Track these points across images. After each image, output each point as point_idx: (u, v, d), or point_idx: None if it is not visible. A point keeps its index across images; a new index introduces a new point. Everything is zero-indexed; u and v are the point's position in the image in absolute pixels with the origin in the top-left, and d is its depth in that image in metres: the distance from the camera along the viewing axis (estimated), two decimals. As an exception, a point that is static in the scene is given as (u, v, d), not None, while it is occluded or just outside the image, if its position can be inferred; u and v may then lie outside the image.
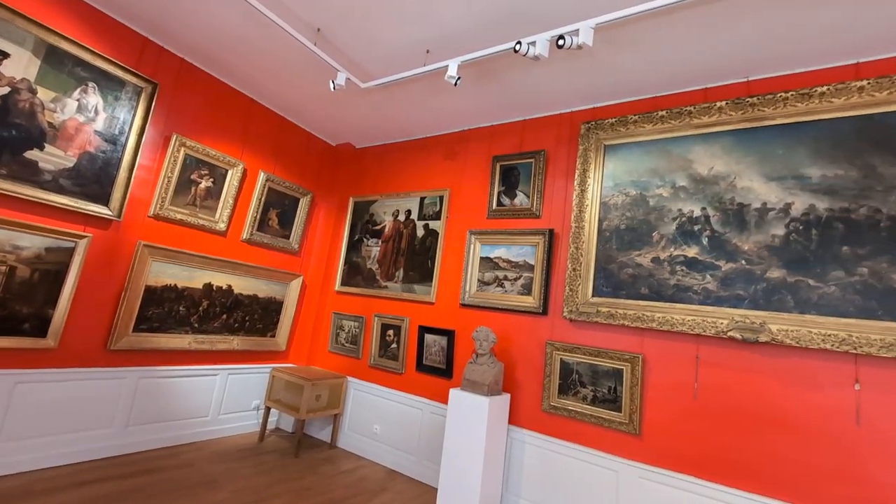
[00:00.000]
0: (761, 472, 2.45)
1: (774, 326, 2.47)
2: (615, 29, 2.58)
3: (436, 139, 4.39)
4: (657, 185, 3.06)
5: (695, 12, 2.40)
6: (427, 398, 3.79)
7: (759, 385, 2.53)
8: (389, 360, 4.09)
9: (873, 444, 2.22)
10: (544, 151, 3.61)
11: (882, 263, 2.30)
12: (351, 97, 3.90)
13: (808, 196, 2.54)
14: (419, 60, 3.14)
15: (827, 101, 2.56)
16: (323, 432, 4.36)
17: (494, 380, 3.12)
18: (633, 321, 2.91)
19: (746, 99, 2.79)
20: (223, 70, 3.79)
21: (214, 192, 3.89)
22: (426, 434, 3.71)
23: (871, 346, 2.22)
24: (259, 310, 4.28)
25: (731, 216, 2.76)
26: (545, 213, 3.53)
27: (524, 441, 3.22)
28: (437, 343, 3.81)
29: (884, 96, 2.42)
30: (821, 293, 2.41)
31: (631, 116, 3.20)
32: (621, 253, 3.09)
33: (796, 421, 2.41)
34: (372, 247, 4.52)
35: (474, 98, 3.63)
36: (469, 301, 3.71)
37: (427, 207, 4.20)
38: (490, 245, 3.72)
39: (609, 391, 2.97)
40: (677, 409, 2.75)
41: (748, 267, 2.64)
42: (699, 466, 2.62)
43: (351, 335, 4.44)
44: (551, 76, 3.18)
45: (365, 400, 4.18)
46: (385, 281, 4.30)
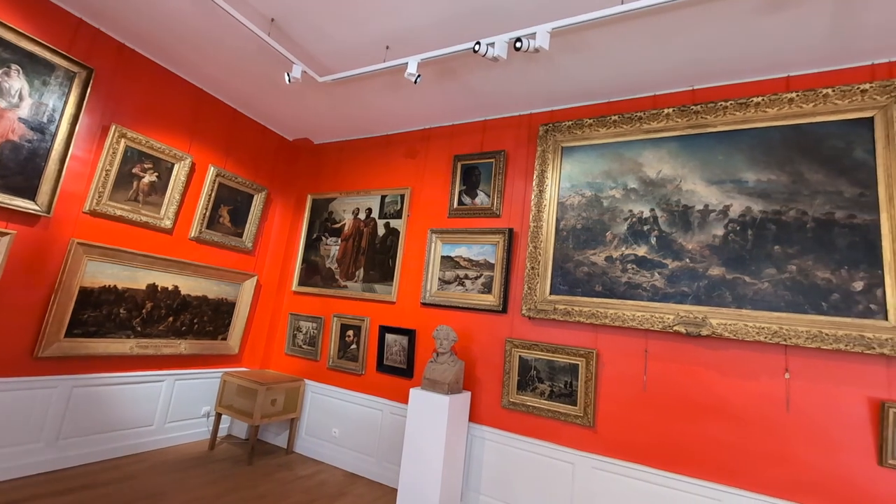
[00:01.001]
0: (704, 458, 2.61)
1: (715, 321, 2.64)
2: (571, 34, 2.65)
3: (397, 137, 4.35)
4: (610, 187, 3.18)
5: (643, 23, 2.51)
6: (388, 399, 3.75)
7: (702, 376, 2.69)
8: (349, 362, 4.01)
9: (800, 427, 2.42)
10: (504, 152, 3.66)
11: (808, 261, 2.51)
12: (308, 91, 3.78)
13: (745, 199, 2.73)
14: (379, 56, 3.09)
15: (762, 110, 2.76)
16: (279, 438, 4.21)
17: (455, 378, 3.13)
18: (587, 318, 3.01)
19: (691, 106, 2.96)
20: (169, 58, 3.57)
21: (159, 187, 3.65)
22: (387, 435, 3.67)
23: (798, 337, 2.42)
24: (209, 311, 4.07)
25: (676, 217, 2.91)
26: (505, 213, 3.59)
27: (484, 438, 3.26)
28: (398, 343, 3.77)
29: (810, 108, 2.64)
30: (755, 289, 2.60)
31: (586, 120, 3.31)
32: (577, 252, 3.19)
33: (734, 409, 2.58)
34: (331, 245, 4.41)
35: (436, 97, 3.62)
36: (430, 300, 3.70)
37: (388, 206, 4.16)
38: (451, 244, 3.73)
39: (565, 386, 3.06)
40: (628, 401, 2.87)
41: (692, 265, 2.80)
42: (648, 455, 2.76)
43: (309, 336, 4.31)
44: (511, 78, 3.22)
45: (323, 403, 4.08)
46: (345, 280, 4.22)
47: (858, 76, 2.62)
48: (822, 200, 2.54)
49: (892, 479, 2.21)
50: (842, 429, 2.34)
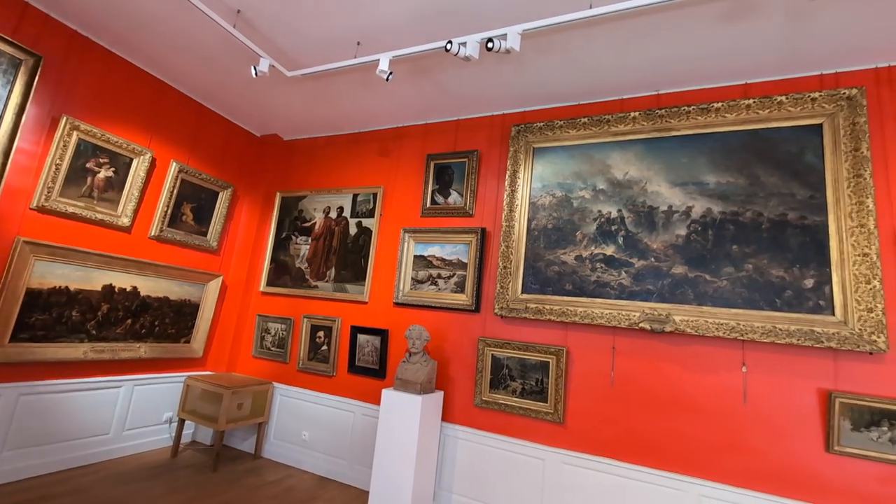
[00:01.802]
0: (667, 450, 2.70)
1: (678, 317, 2.73)
2: (541, 37, 2.69)
3: (370, 135, 4.29)
4: (580, 188, 3.24)
5: (610, 27, 2.57)
6: (360, 400, 3.70)
7: (666, 371, 2.79)
8: (320, 363, 3.93)
9: (756, 418, 2.54)
10: (477, 151, 3.67)
11: (763, 260, 2.63)
12: (277, 86, 3.68)
13: (706, 200, 2.84)
14: (349, 52, 3.04)
15: (722, 115, 2.88)
16: (246, 443, 4.08)
17: (427, 378, 3.12)
18: (558, 316, 3.06)
19: (656, 110, 3.05)
20: (127, 47, 3.39)
21: (116, 182, 3.47)
22: (358, 437, 3.62)
23: (754, 332, 2.54)
24: (171, 313, 3.90)
25: (642, 218, 3.00)
26: (478, 212, 3.60)
27: (457, 437, 3.26)
28: (371, 343, 3.73)
29: (766, 114, 2.77)
30: (715, 287, 2.71)
31: (557, 122, 3.36)
32: (548, 251, 3.24)
33: (696, 402, 2.68)
34: (301, 245, 4.31)
35: (408, 95, 3.60)
36: (403, 300, 3.68)
37: (360, 205, 4.10)
38: (424, 243, 3.72)
39: (536, 383, 3.10)
40: (596, 396, 2.94)
41: (656, 264, 2.89)
42: (615, 449, 2.83)
43: (278, 338, 4.20)
44: (484, 78, 3.24)
45: (293, 406, 3.99)
46: (315, 280, 4.13)
47: (809, 85, 2.77)
48: (776, 202, 2.67)
49: (837, 464, 2.36)
50: (793, 418, 2.47)
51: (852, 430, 2.33)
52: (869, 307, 2.34)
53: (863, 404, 2.32)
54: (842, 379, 2.41)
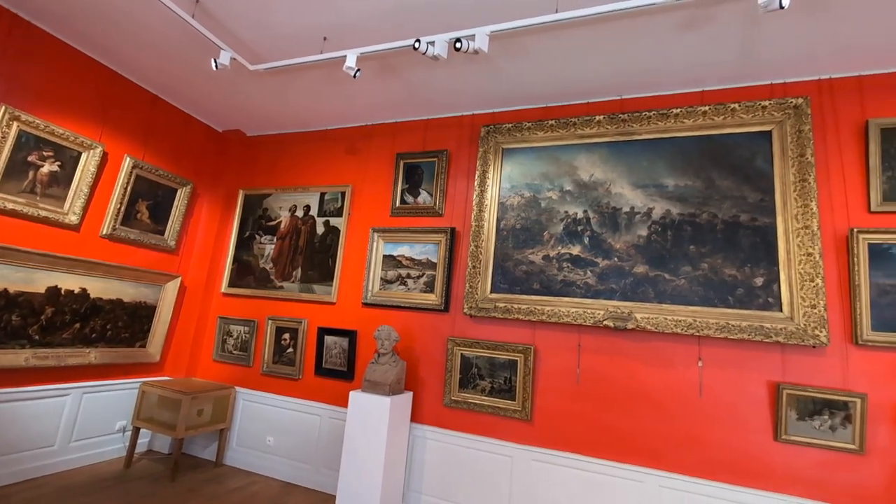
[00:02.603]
0: (629, 443, 2.79)
1: (639, 315, 2.83)
2: (510, 39, 2.71)
3: (338, 132, 4.21)
4: (548, 189, 3.30)
5: (575, 32, 2.62)
6: (327, 403, 3.62)
7: (628, 367, 2.88)
8: (285, 366, 3.83)
9: (711, 411, 2.67)
10: (447, 151, 3.67)
11: (718, 260, 2.76)
12: (240, 79, 3.55)
13: (665, 202, 2.95)
14: (316, 47, 2.97)
15: (680, 121, 2.99)
16: (207, 450, 3.92)
17: (396, 379, 3.09)
18: (526, 315, 3.11)
19: (620, 115, 3.14)
20: (75, 34, 3.18)
21: (63, 178, 3.25)
22: (325, 441, 3.55)
23: (709, 328, 2.66)
24: (124, 316, 3.70)
25: (606, 218, 3.09)
26: (447, 212, 3.60)
27: (426, 437, 3.25)
28: (339, 345, 3.66)
29: (721, 120, 2.91)
30: (674, 285, 2.82)
31: (525, 123, 3.40)
32: (517, 251, 3.28)
33: (655, 396, 2.78)
34: (265, 244, 4.18)
35: (377, 93, 3.55)
36: (372, 300, 3.63)
37: (328, 203, 4.01)
38: (393, 243, 3.68)
39: (505, 382, 3.13)
40: (563, 393, 3.00)
41: (620, 263, 2.98)
42: (580, 444, 2.90)
43: (240, 341, 4.06)
44: (453, 78, 3.24)
45: (257, 411, 3.86)
46: (280, 281, 4.01)
47: (760, 94, 2.92)
48: (729, 205, 2.81)
49: (784, 452, 2.50)
50: (745, 410, 2.61)
51: (798, 420, 2.48)
52: (812, 304, 2.49)
53: (807, 395, 2.47)
54: (789, 371, 2.56)
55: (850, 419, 2.40)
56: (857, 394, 2.39)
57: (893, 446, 2.34)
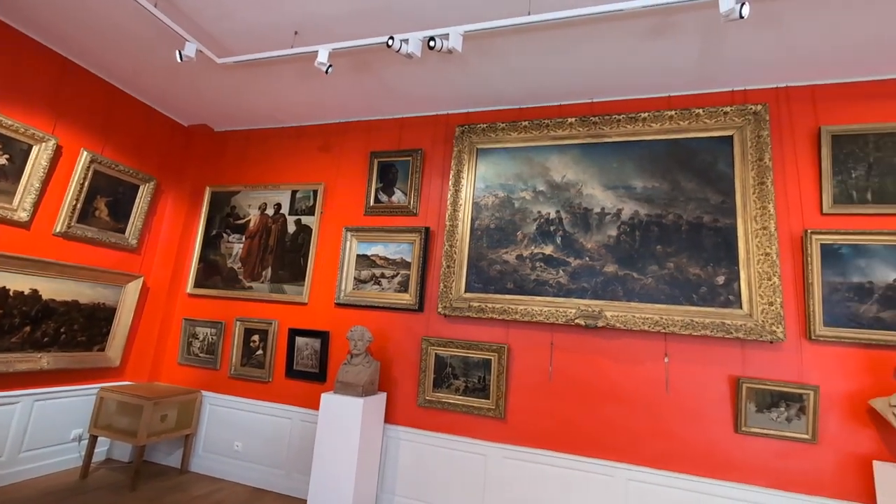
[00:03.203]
0: (599, 439, 2.86)
1: (609, 313, 2.89)
2: (484, 39, 2.73)
3: (310, 129, 4.13)
4: (521, 189, 3.33)
5: (547, 35, 2.66)
6: (298, 406, 3.54)
7: (598, 364, 2.94)
8: (254, 369, 3.72)
9: (676, 405, 2.76)
10: (422, 150, 3.66)
11: (683, 259, 2.86)
12: (207, 73, 3.43)
13: (634, 203, 3.03)
14: (286, 41, 2.90)
15: (648, 125, 3.08)
16: (171, 457, 3.77)
17: (370, 380, 3.06)
18: (500, 314, 3.13)
19: (591, 117, 3.21)
20: (26, 20, 2.99)
21: (11, 171, 3.06)
22: (296, 445, 3.47)
23: (675, 326, 2.75)
24: (81, 319, 3.51)
25: (578, 219, 3.15)
26: (422, 212, 3.59)
27: (400, 438, 3.23)
28: (310, 346, 3.59)
29: (686, 125, 3.01)
30: (641, 284, 2.90)
31: (499, 124, 3.43)
32: (491, 250, 3.30)
33: (624, 392, 2.86)
34: (234, 243, 4.05)
35: (351, 89, 3.50)
36: (345, 300, 3.58)
37: (299, 202, 3.93)
38: (367, 242, 3.64)
39: (479, 381, 3.14)
40: (536, 391, 3.04)
41: (591, 263, 3.04)
42: (552, 440, 2.94)
43: (207, 343, 3.92)
44: (428, 77, 3.23)
45: (224, 415, 3.74)
46: (250, 281, 3.90)
47: (722, 100, 3.04)
48: (693, 206, 2.91)
49: (744, 443, 2.61)
50: (708, 403, 2.71)
51: (756, 412, 2.60)
52: (770, 301, 2.61)
53: (765, 388, 2.59)
54: (748, 366, 2.68)
55: (804, 410, 2.53)
56: (810, 386, 2.52)
57: (842, 434, 2.48)
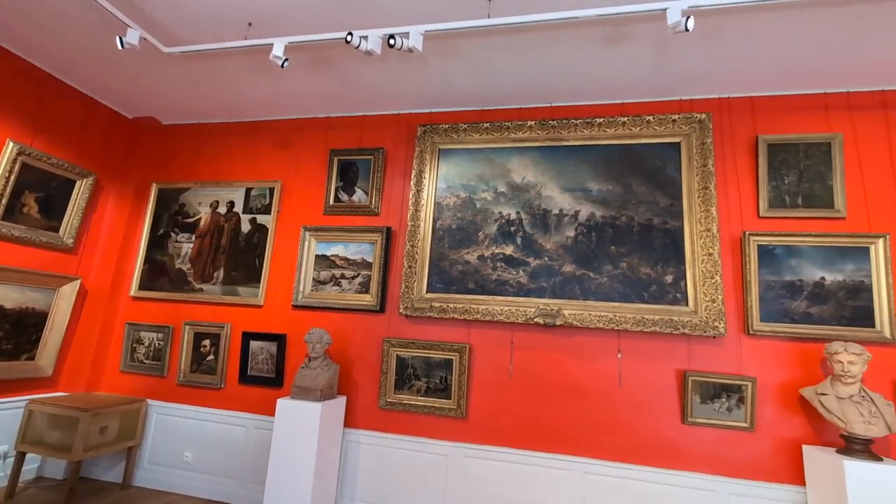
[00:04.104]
0: (557, 434, 2.93)
1: (567, 311, 2.98)
2: (446, 40, 2.73)
3: (266, 124, 3.98)
4: (483, 190, 3.36)
5: (507, 39, 2.70)
6: (253, 413, 3.40)
7: (557, 361, 3.02)
8: (205, 375, 3.54)
9: (629, 399, 2.87)
10: (383, 149, 3.61)
11: (634, 259, 2.99)
12: (153, 63, 3.23)
13: (590, 205, 3.14)
14: (240, 33, 2.78)
15: (603, 130, 3.20)
16: (112, 472, 3.52)
17: (328, 383, 2.98)
18: (461, 314, 3.14)
19: (550, 121, 3.29)
20: (-63, -7, 2.70)
21: (-79, 163, 2.75)
22: (251, 453, 3.33)
23: (627, 323, 2.86)
24: (7, 325, 3.21)
25: (538, 220, 3.22)
26: (383, 211, 3.55)
27: (360, 442, 3.18)
28: (266, 350, 3.46)
29: (637, 131, 3.15)
30: (597, 283, 3.00)
31: (461, 125, 3.45)
32: (452, 251, 3.31)
33: (581, 387, 2.95)
34: (183, 243, 3.84)
35: (309, 85, 3.40)
36: (303, 302, 3.47)
37: (254, 200, 3.78)
38: (327, 242, 3.55)
39: (440, 381, 3.14)
40: (496, 389, 3.08)
41: (549, 263, 3.12)
42: (513, 437, 2.99)
43: (153, 349, 3.69)
44: (389, 75, 3.19)
45: (172, 425, 3.53)
46: (200, 283, 3.71)
47: (671, 108, 3.21)
48: (644, 209, 3.05)
49: (690, 433, 2.76)
50: (658, 396, 2.84)
51: (701, 403, 2.75)
52: (713, 298, 2.78)
53: (708, 381, 2.75)
54: (693, 360, 2.83)
55: (742, 400, 2.70)
56: (748, 378, 2.70)
57: (776, 422, 2.68)
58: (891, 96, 2.90)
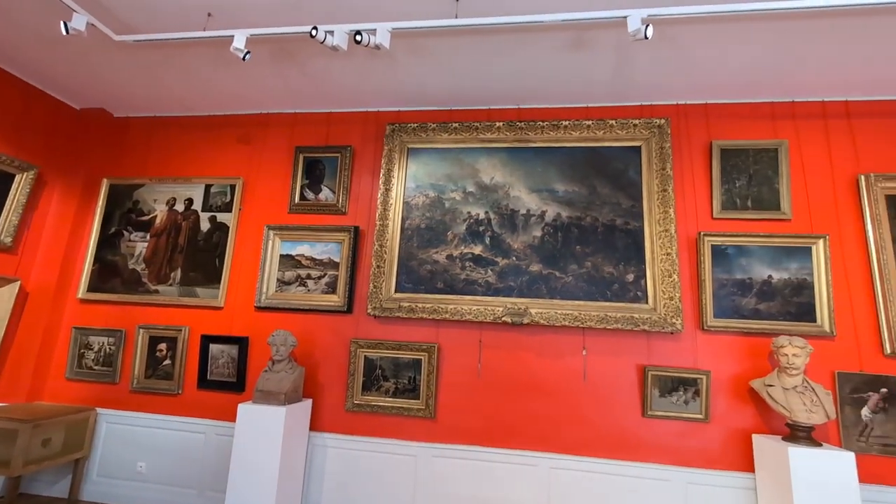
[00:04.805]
0: (524, 431, 2.98)
1: (534, 310, 3.03)
2: (415, 39, 2.72)
3: (228, 119, 3.83)
4: (451, 189, 3.37)
5: (477, 40, 2.71)
6: (213, 419, 3.27)
7: (525, 359, 3.06)
8: (161, 381, 3.37)
9: (593, 394, 2.96)
10: (351, 147, 3.56)
11: (598, 259, 3.07)
12: (104, 51, 3.04)
13: (557, 206, 3.20)
14: (198, 23, 2.66)
15: (568, 132, 3.27)
16: (57, 486, 3.29)
17: (293, 386, 2.90)
18: (430, 314, 3.13)
19: (517, 123, 3.34)
20: None
21: None
22: (212, 461, 3.20)
23: (591, 320, 2.94)
24: (-67, 332, 2.94)
25: (506, 220, 3.25)
26: (351, 210, 3.49)
27: (327, 446, 3.11)
28: (227, 353, 3.33)
29: (601, 134, 3.24)
30: (563, 282, 3.07)
31: (430, 124, 3.44)
32: (421, 250, 3.29)
33: (547, 384, 3.01)
34: (137, 242, 3.64)
35: (273, 79, 3.30)
36: (266, 303, 3.36)
37: (214, 197, 3.63)
38: (292, 241, 3.46)
39: (409, 381, 3.12)
40: (465, 388, 3.09)
41: (517, 262, 3.16)
42: (481, 436, 3.01)
43: (103, 355, 3.47)
44: (357, 72, 3.15)
45: (125, 434, 3.34)
46: (156, 284, 3.52)
47: (633, 113, 3.32)
48: (608, 210, 3.14)
49: (650, 426, 2.87)
50: (620, 391, 2.94)
51: (660, 397, 2.86)
52: (670, 296, 2.90)
53: (666, 375, 2.87)
54: (653, 355, 2.94)
55: (698, 393, 2.83)
56: (703, 371, 2.84)
57: (728, 413, 2.82)
58: (830, 106, 3.12)
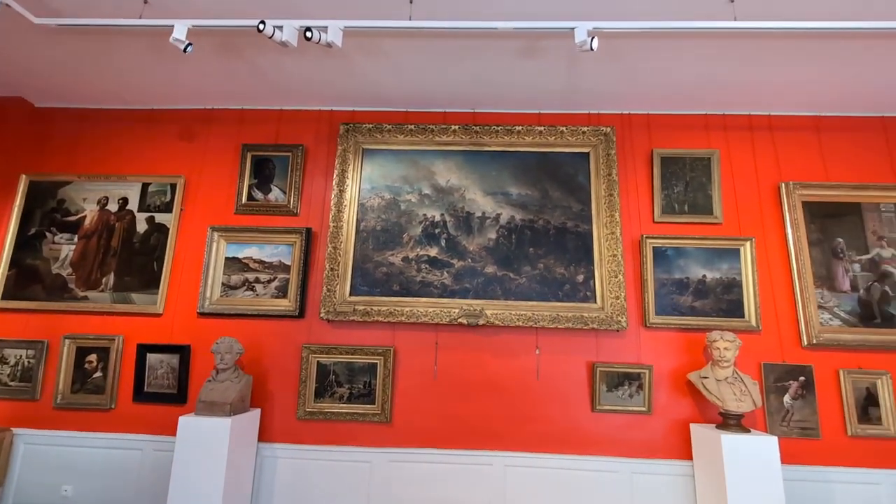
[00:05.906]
0: (480, 430, 3.01)
1: (489, 311, 3.07)
2: (368, 38, 2.68)
3: (167, 114, 3.59)
4: (407, 191, 3.35)
5: (432, 43, 2.72)
6: (151, 434, 3.04)
7: (480, 360, 3.10)
8: (91, 395, 3.09)
9: (545, 391, 3.04)
10: (303, 146, 3.45)
11: (550, 260, 3.17)
12: (22, 35, 2.76)
13: (511, 209, 3.28)
14: (134, 10, 2.48)
15: (521, 137, 3.36)
16: (-38, 519, 2.94)
17: (240, 396, 2.77)
18: (386, 317, 3.10)
19: (472, 126, 3.38)
20: None
21: None
22: (148, 479, 2.98)
23: (544, 320, 3.03)
24: None
25: (462, 222, 3.28)
26: (303, 211, 3.39)
27: (277, 456, 2.99)
28: (166, 363, 3.11)
29: (553, 140, 3.35)
30: (517, 284, 3.14)
31: (386, 125, 3.41)
32: (377, 252, 3.25)
33: (502, 383, 3.06)
34: (62, 244, 3.32)
35: (218, 73, 3.14)
36: (210, 309, 3.19)
37: (153, 196, 3.39)
38: (238, 244, 3.30)
39: (364, 386, 3.07)
40: (421, 391, 3.08)
41: (473, 264, 3.20)
42: (438, 438, 3.01)
43: (21, 369, 3.14)
44: (310, 70, 3.06)
45: (47, 455, 3.04)
46: (84, 290, 3.23)
47: (582, 120, 3.46)
48: (559, 213, 3.25)
49: (598, 419, 3.00)
50: (571, 387, 3.04)
51: (607, 392, 3.00)
52: (616, 295, 3.04)
53: (613, 371, 3.01)
54: (601, 352, 3.07)
55: (641, 387, 2.99)
56: (645, 366, 3.00)
57: (668, 404, 3.00)
58: (755, 120, 3.41)
